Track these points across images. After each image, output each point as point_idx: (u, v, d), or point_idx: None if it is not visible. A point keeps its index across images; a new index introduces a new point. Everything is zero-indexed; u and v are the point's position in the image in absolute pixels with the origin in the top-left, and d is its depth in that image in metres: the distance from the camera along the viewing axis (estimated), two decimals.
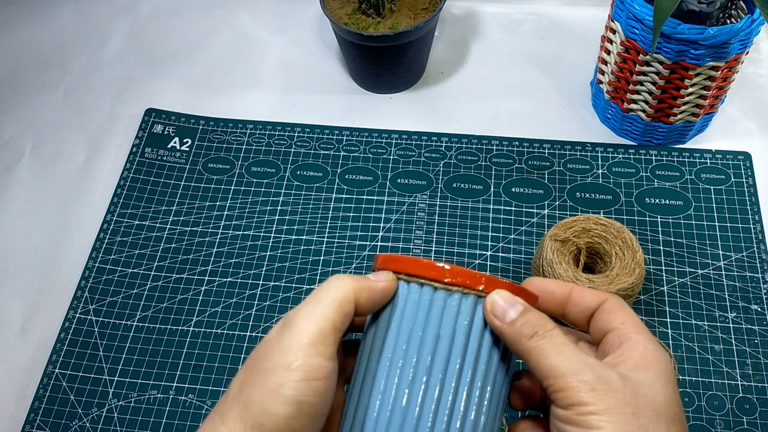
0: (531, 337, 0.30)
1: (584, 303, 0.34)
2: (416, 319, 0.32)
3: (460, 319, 0.31)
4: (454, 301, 0.32)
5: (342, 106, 0.72)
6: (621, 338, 0.31)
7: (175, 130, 0.70)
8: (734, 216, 0.61)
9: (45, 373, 0.55)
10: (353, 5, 0.68)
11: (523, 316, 0.31)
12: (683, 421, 0.29)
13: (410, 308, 0.32)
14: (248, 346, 0.56)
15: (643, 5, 0.56)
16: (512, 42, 0.77)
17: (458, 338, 0.31)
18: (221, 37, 0.79)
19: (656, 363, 0.30)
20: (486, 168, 0.65)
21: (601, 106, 0.68)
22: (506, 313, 0.31)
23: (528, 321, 0.31)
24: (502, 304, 0.31)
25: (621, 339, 0.31)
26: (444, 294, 0.32)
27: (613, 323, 0.32)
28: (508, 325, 0.31)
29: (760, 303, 0.57)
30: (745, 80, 0.71)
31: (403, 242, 0.61)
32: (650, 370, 0.30)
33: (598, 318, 0.33)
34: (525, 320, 0.31)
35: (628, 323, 0.32)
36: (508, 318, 0.31)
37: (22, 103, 0.74)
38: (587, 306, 0.34)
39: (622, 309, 0.33)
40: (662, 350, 0.31)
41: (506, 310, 0.31)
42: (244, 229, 0.63)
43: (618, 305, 0.33)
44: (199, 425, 0.53)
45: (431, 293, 0.32)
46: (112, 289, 0.60)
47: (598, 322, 0.33)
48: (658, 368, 0.30)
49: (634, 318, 0.32)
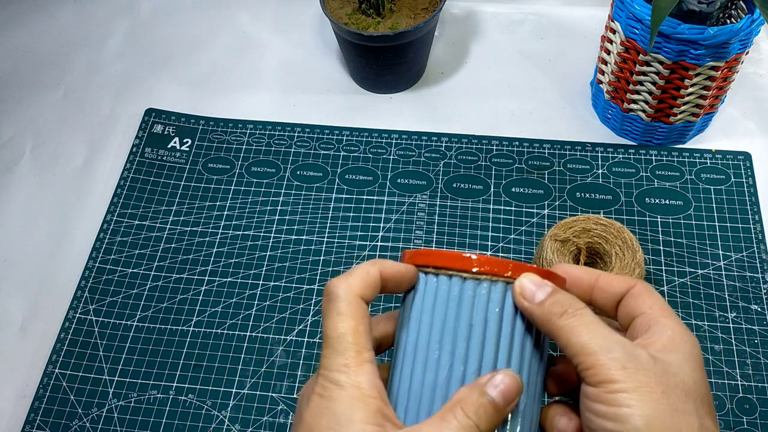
0: (561, 315, 0.30)
1: (612, 289, 0.34)
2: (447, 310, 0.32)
3: (491, 307, 0.32)
4: (484, 290, 0.32)
5: (342, 106, 0.72)
6: (649, 322, 0.31)
7: (175, 130, 0.70)
8: (734, 216, 0.61)
9: (45, 373, 0.55)
10: (353, 5, 0.68)
11: (551, 297, 0.31)
12: (711, 404, 0.30)
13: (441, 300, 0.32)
14: (248, 346, 0.56)
15: (643, 5, 0.56)
16: (512, 42, 0.77)
17: (490, 326, 0.31)
18: (221, 37, 0.79)
19: (684, 345, 0.30)
20: (486, 168, 0.65)
21: (601, 106, 0.68)
22: (535, 294, 0.31)
23: (557, 300, 0.31)
24: (531, 286, 0.31)
25: (649, 323, 0.31)
26: (473, 283, 0.32)
27: (642, 307, 0.32)
28: (537, 306, 0.31)
29: (760, 303, 0.57)
30: (745, 80, 0.71)
31: (403, 242, 0.61)
32: (679, 352, 0.30)
33: (626, 303, 0.33)
34: (554, 300, 0.31)
35: (656, 307, 0.32)
36: (537, 299, 0.31)
37: (22, 103, 0.74)
38: (615, 291, 0.34)
39: (650, 293, 0.33)
40: (690, 334, 0.31)
41: (535, 291, 0.31)
42: (244, 229, 0.63)
43: (646, 290, 0.33)
44: (198, 425, 0.53)
45: (460, 284, 0.32)
46: (112, 289, 0.60)
47: (627, 306, 0.33)
48: (686, 350, 0.30)
49: (662, 302, 0.32)
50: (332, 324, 0.31)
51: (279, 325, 0.57)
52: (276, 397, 0.54)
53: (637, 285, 0.33)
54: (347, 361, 0.30)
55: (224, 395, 0.54)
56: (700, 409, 0.29)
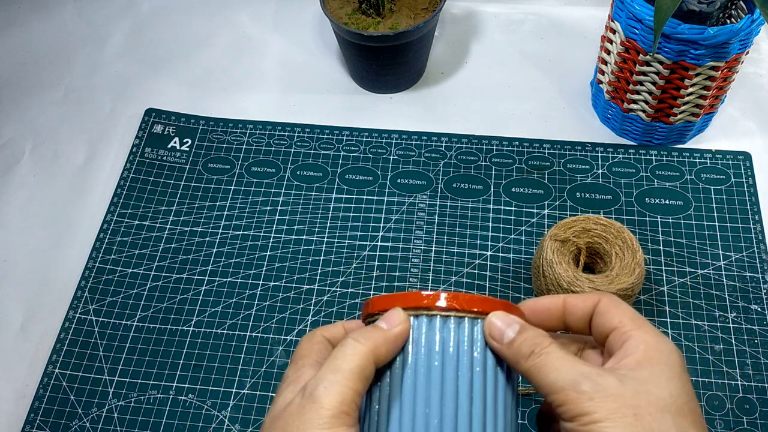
0: (528, 356, 0.30)
1: (578, 310, 0.34)
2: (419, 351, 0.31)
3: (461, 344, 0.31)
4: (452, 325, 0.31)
5: (342, 106, 0.72)
6: (622, 337, 0.31)
7: (175, 130, 0.70)
8: (734, 216, 0.61)
9: (45, 373, 0.55)
10: (353, 5, 0.68)
11: (520, 335, 0.31)
12: (695, 412, 0.29)
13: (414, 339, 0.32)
14: (248, 346, 0.56)
15: (643, 5, 0.56)
16: (512, 42, 0.77)
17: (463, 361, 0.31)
18: (221, 37, 0.79)
19: (659, 356, 0.30)
20: (486, 168, 0.65)
21: (601, 106, 0.68)
22: (504, 333, 0.31)
23: (525, 340, 0.31)
24: (500, 325, 0.31)
25: (622, 338, 0.31)
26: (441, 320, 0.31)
27: (612, 323, 0.32)
28: (506, 347, 0.31)
29: (760, 303, 0.57)
30: (745, 80, 0.71)
31: (403, 242, 0.61)
32: (654, 365, 0.29)
33: (596, 321, 0.33)
34: (522, 339, 0.31)
35: (626, 320, 0.32)
36: (506, 339, 0.31)
37: (22, 103, 0.74)
38: (583, 312, 0.34)
39: (616, 307, 0.32)
40: (665, 342, 0.31)
41: (503, 330, 0.31)
42: (244, 229, 0.63)
43: (611, 304, 0.33)
44: (198, 425, 0.53)
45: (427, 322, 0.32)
46: (112, 289, 0.60)
47: (598, 325, 0.33)
48: (662, 361, 0.30)
49: (631, 313, 0.32)
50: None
51: (279, 325, 0.57)
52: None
53: (601, 300, 0.33)
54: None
55: (224, 395, 0.54)
56: (681, 421, 0.28)
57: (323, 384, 0.29)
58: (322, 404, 0.28)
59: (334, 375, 0.29)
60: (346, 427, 0.28)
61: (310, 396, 0.29)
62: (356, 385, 0.29)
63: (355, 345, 0.30)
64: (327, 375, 0.29)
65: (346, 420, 0.28)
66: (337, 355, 0.30)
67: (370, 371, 0.30)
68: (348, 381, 0.29)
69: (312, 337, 0.34)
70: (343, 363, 0.29)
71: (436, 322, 0.32)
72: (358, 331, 0.31)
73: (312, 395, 0.29)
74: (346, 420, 0.28)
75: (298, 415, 0.28)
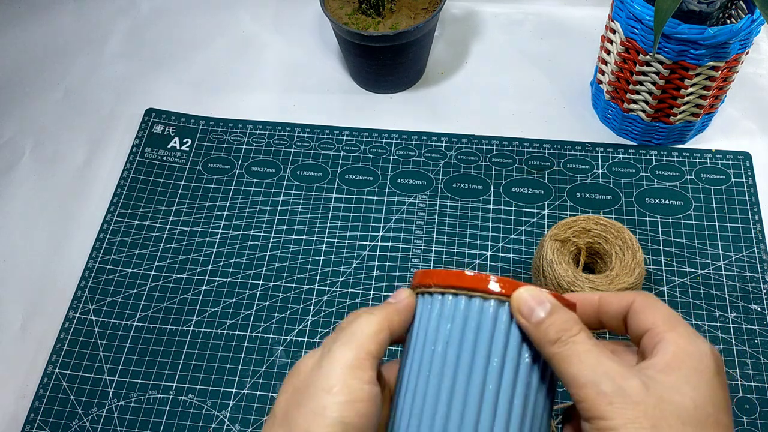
0: (554, 342, 0.29)
1: (613, 308, 0.32)
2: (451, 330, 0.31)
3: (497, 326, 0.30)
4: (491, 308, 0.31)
5: (342, 106, 0.72)
6: (654, 339, 0.30)
7: (175, 130, 0.70)
8: (734, 216, 0.61)
9: (45, 373, 0.55)
10: (353, 5, 0.68)
11: (550, 317, 0.30)
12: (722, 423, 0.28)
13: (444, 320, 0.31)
14: (248, 346, 0.56)
15: (643, 5, 0.56)
16: (512, 42, 0.77)
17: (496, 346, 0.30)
18: (221, 37, 0.79)
19: (689, 361, 0.29)
20: (486, 168, 0.65)
21: (601, 106, 0.68)
22: (533, 311, 0.30)
23: (554, 323, 0.29)
24: (530, 301, 0.30)
25: (654, 340, 0.30)
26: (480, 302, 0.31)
27: (645, 324, 0.31)
28: (534, 326, 0.30)
29: (760, 303, 0.57)
30: (745, 80, 0.71)
31: (403, 242, 0.61)
32: (681, 370, 0.28)
33: (632, 321, 0.32)
34: (551, 321, 0.29)
35: (659, 321, 0.30)
36: (535, 318, 0.30)
37: (22, 103, 0.74)
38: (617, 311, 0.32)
39: (651, 306, 0.31)
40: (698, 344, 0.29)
41: (533, 308, 0.30)
42: (244, 229, 0.63)
43: (646, 303, 0.31)
44: (198, 425, 0.53)
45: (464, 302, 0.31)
46: (112, 289, 0.60)
47: (633, 325, 0.32)
48: (691, 366, 0.28)
49: (665, 313, 0.31)
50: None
51: (279, 325, 0.57)
52: (276, 397, 0.54)
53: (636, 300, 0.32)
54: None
55: (224, 395, 0.54)
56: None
57: (339, 341, 0.31)
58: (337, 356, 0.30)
59: (350, 336, 0.31)
60: (361, 381, 0.29)
61: (327, 352, 0.31)
62: (369, 345, 0.30)
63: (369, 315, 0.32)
64: (342, 337, 0.31)
65: (360, 374, 0.30)
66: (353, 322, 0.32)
67: (383, 336, 0.31)
68: (361, 341, 0.30)
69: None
70: (357, 328, 0.31)
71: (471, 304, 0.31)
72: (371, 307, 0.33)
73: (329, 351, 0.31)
74: (361, 375, 0.30)
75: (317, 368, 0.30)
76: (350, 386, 0.29)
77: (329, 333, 0.33)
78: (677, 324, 0.30)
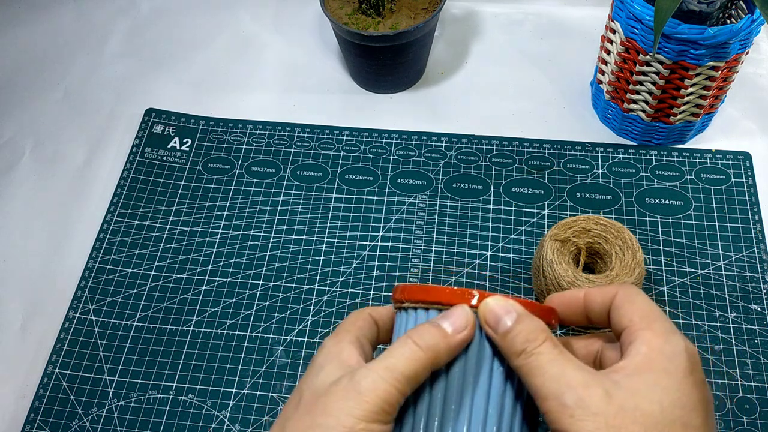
0: (520, 354, 0.29)
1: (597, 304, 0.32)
2: None
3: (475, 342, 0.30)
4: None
5: (342, 106, 0.72)
6: (629, 338, 0.30)
7: (175, 130, 0.70)
8: (734, 216, 0.61)
9: (45, 373, 0.55)
10: (353, 5, 0.68)
11: (516, 326, 0.29)
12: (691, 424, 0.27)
13: None
14: (248, 346, 0.56)
15: (643, 5, 0.56)
16: (512, 42, 0.77)
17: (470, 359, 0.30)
18: (221, 37, 0.79)
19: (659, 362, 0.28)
20: (486, 168, 0.65)
21: (601, 106, 0.68)
22: (500, 321, 0.29)
23: (520, 332, 0.29)
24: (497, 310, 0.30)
25: (629, 339, 0.30)
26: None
27: (623, 321, 0.30)
28: (500, 337, 0.29)
29: (760, 303, 0.57)
30: (745, 80, 0.71)
31: (403, 242, 0.61)
32: (650, 372, 0.28)
33: (613, 317, 0.31)
34: (518, 331, 0.29)
35: (636, 318, 0.30)
36: (502, 328, 0.29)
37: (22, 103, 0.74)
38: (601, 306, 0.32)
39: (630, 302, 0.31)
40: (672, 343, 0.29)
41: (500, 318, 0.30)
42: (244, 229, 0.63)
43: (626, 297, 0.31)
44: (198, 425, 0.53)
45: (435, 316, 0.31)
46: (112, 289, 0.60)
47: (614, 321, 0.31)
48: (660, 368, 0.28)
49: (643, 308, 0.30)
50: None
51: (279, 325, 0.57)
52: (276, 397, 0.54)
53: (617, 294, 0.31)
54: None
55: (224, 395, 0.54)
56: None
57: (372, 377, 0.29)
58: (366, 397, 0.28)
59: (386, 372, 0.29)
60: (380, 423, 0.28)
61: (357, 384, 0.29)
62: (405, 388, 0.29)
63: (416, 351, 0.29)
64: (379, 371, 0.29)
65: (383, 417, 0.28)
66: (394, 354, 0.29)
67: (423, 377, 0.29)
68: (397, 383, 0.28)
69: (359, 313, 0.34)
70: (398, 363, 0.29)
71: None
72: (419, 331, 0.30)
73: (359, 384, 0.29)
74: (384, 417, 0.28)
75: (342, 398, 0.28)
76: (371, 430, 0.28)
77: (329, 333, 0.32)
78: (653, 320, 0.30)
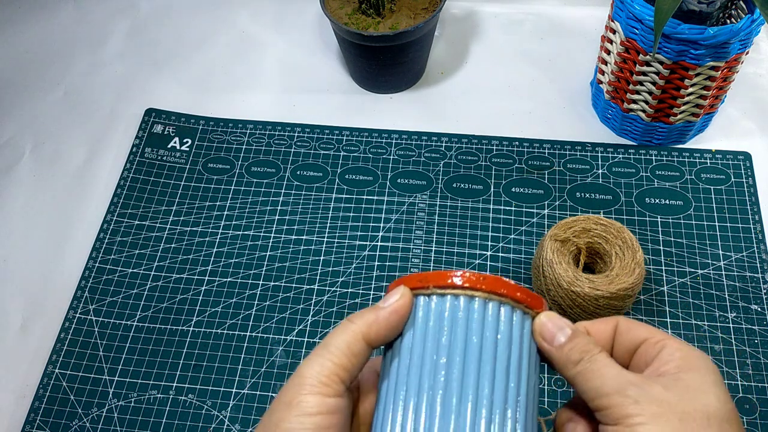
0: (578, 362, 0.31)
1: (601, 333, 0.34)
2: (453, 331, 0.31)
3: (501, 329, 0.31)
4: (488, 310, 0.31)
5: (342, 106, 0.72)
6: (656, 346, 0.31)
7: (175, 130, 0.70)
8: (734, 216, 0.61)
9: (45, 373, 0.55)
10: (353, 5, 0.68)
11: (571, 341, 0.31)
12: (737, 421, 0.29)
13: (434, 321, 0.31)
14: (248, 346, 0.56)
15: (643, 5, 0.56)
16: (512, 42, 0.77)
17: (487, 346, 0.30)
18: (221, 37, 0.79)
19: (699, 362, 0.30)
20: (486, 168, 0.65)
21: (601, 106, 0.68)
22: (555, 336, 0.32)
23: (575, 346, 0.31)
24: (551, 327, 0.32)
25: (656, 347, 0.31)
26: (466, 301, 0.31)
27: (640, 336, 0.32)
28: (556, 350, 0.31)
29: (760, 303, 0.57)
30: (745, 80, 0.71)
31: (403, 242, 0.61)
32: (697, 370, 0.30)
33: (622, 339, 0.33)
34: (572, 345, 0.31)
35: (653, 332, 0.32)
36: (557, 342, 0.31)
37: (22, 103, 0.74)
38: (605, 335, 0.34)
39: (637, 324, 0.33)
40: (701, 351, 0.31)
41: (554, 333, 0.32)
42: (244, 229, 0.63)
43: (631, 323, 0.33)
44: (198, 425, 0.53)
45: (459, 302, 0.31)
46: (112, 289, 0.60)
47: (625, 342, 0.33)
48: (704, 367, 0.30)
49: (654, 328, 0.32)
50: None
51: (279, 325, 0.57)
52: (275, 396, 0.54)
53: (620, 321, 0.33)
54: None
55: (224, 395, 0.54)
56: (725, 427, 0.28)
57: (307, 360, 0.31)
58: (302, 374, 0.30)
59: (321, 350, 0.31)
60: (322, 395, 0.29)
61: (297, 370, 0.31)
62: (340, 359, 0.30)
63: (347, 324, 0.31)
64: (316, 351, 0.31)
65: (323, 390, 0.30)
66: (329, 334, 0.32)
67: (359, 348, 0.31)
68: (331, 355, 0.30)
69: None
70: (330, 339, 0.31)
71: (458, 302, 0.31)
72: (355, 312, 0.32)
73: (298, 369, 0.31)
74: (324, 390, 0.30)
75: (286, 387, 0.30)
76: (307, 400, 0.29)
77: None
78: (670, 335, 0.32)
